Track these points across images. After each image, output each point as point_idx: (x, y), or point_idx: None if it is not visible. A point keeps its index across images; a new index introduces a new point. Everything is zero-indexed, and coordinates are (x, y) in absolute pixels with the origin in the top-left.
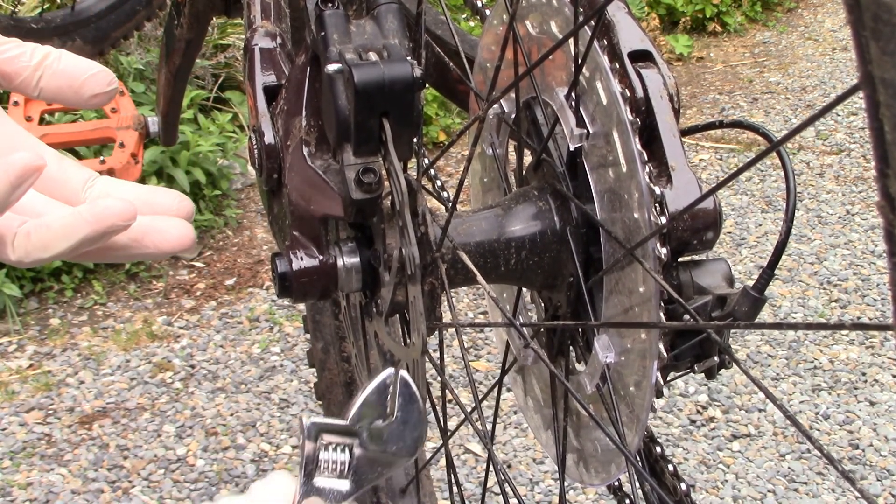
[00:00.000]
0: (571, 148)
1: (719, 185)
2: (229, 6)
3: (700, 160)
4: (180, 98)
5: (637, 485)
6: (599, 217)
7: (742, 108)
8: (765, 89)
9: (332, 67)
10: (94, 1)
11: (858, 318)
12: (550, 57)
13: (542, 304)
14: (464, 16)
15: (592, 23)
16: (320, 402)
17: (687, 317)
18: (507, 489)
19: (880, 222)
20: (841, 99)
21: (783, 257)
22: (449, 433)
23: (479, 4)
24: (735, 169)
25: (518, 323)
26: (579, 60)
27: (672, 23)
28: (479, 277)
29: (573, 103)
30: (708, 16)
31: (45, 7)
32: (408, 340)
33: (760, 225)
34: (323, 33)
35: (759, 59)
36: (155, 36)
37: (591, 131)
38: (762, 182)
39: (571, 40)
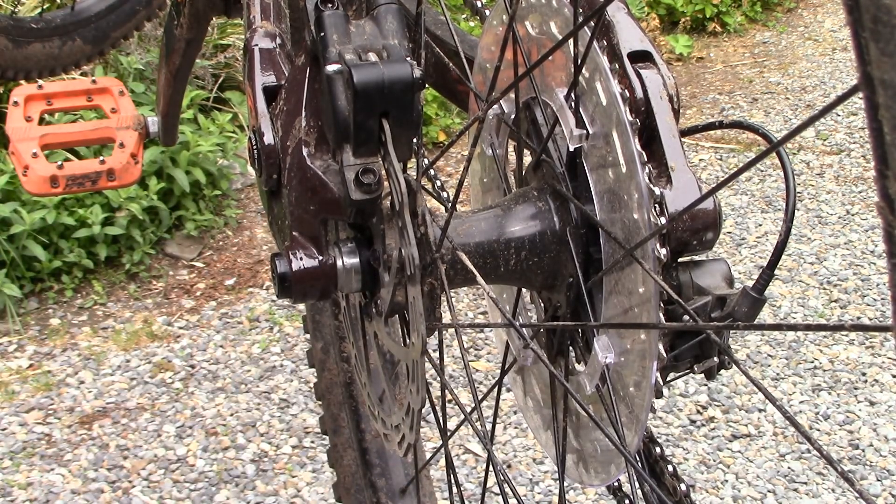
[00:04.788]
0: (571, 148)
1: (719, 186)
2: (229, 6)
3: (700, 160)
4: (180, 98)
5: (637, 485)
6: (599, 217)
7: (742, 108)
8: (765, 89)
9: (331, 68)
10: (94, 1)
11: (858, 318)
12: (550, 57)
13: (542, 305)
14: (464, 16)
15: (592, 23)
16: (320, 402)
17: (686, 317)
18: (507, 489)
19: (880, 222)
20: (841, 100)
21: (783, 257)
22: (449, 433)
23: (479, 5)
24: (735, 169)
25: (518, 324)
26: (579, 61)
27: (672, 23)
28: (479, 278)
29: (573, 104)
30: (708, 16)
31: (44, 7)
32: (407, 341)
33: (760, 225)
34: (322, 34)
35: (759, 59)
36: (155, 36)
37: (590, 132)
38: (762, 182)
39: (571, 41)
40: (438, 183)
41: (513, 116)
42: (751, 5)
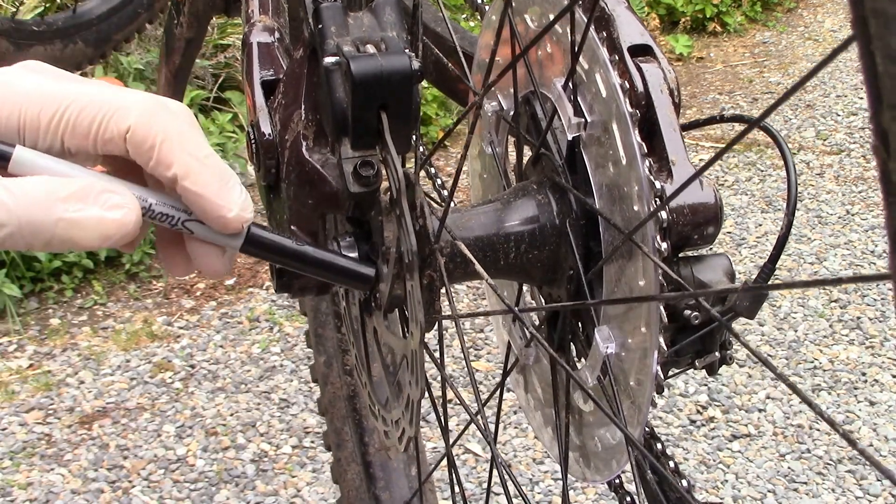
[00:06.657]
0: (570, 137)
1: (706, 166)
2: (229, 5)
3: (700, 160)
4: (180, 98)
5: (637, 477)
6: (598, 209)
7: (742, 109)
8: (765, 89)
9: (329, 60)
10: (96, 3)
11: (858, 317)
12: (549, 52)
13: (543, 300)
14: (463, 16)
15: (588, 8)
16: (323, 417)
17: (687, 312)
18: (512, 488)
19: (880, 222)
20: (836, 52)
21: (783, 257)
22: (453, 437)
23: (479, 1)
24: (735, 168)
25: (517, 310)
26: (575, 48)
27: (672, 23)
28: (478, 266)
29: (570, 93)
30: (708, 16)
31: (46, 9)
32: (406, 334)
33: (760, 225)
34: (320, 26)
35: (759, 59)
36: (155, 36)
37: (589, 120)
38: (762, 182)
39: (568, 31)
40: (439, 182)
41: (511, 112)
42: (751, 5)
